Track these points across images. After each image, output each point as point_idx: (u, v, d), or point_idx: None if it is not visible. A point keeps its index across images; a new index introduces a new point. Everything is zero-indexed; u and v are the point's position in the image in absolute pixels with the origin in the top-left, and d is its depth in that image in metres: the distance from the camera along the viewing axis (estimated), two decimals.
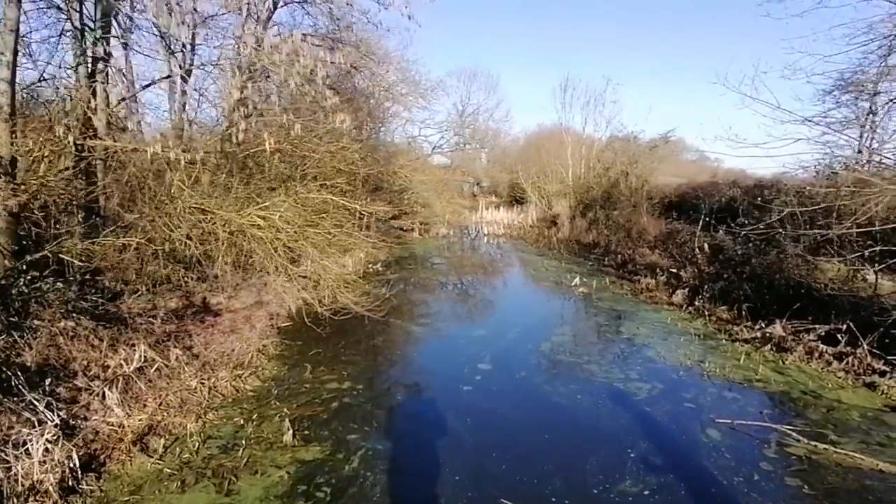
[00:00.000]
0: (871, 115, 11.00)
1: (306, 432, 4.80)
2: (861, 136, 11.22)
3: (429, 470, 4.21)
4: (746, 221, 9.70)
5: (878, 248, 6.86)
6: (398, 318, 8.60)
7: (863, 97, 10.79)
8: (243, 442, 4.58)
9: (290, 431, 4.66)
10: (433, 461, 4.34)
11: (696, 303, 9.47)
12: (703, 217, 13.52)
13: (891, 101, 9.94)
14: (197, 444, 4.54)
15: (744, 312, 8.51)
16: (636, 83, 51.75)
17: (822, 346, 6.89)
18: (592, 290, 11.31)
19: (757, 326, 7.89)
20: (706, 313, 9.04)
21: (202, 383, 5.48)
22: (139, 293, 7.04)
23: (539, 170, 27.47)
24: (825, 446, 4.64)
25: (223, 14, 13.32)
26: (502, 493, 3.90)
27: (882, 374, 6.11)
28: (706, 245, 11.59)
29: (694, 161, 36.96)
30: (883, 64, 8.29)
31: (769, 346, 7.29)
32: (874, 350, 6.37)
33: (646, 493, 3.95)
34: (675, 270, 11.17)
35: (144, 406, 4.98)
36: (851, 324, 6.72)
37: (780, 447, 4.68)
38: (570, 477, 4.15)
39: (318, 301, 7.92)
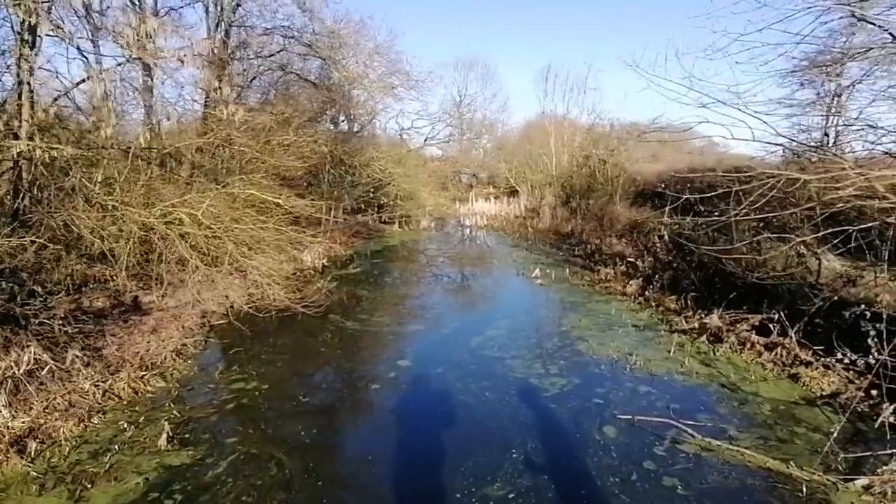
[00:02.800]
0: (836, 98, 10.64)
1: (186, 435, 4.67)
2: (826, 119, 10.91)
3: (289, 473, 4.06)
4: (703, 208, 9.40)
5: (821, 233, 6.58)
6: (336, 314, 8.44)
7: (829, 77, 10.39)
8: (115, 447, 4.45)
9: (166, 435, 4.53)
10: (299, 465, 4.19)
11: (647, 293, 9.25)
12: (668, 204, 13.17)
13: (851, 83, 9.57)
14: (69, 448, 4.43)
15: (689, 302, 8.28)
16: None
17: (754, 336, 6.67)
18: (551, 281, 11.11)
19: (696, 316, 7.67)
20: (654, 304, 8.83)
21: (96, 386, 5.36)
22: (57, 294, 6.94)
23: (527, 159, 27.20)
24: (719, 443, 4.44)
25: (182, 7, 13.18)
26: (357, 498, 3.76)
27: (808, 364, 5.88)
28: (666, 234, 11.30)
29: (701, 147, 35.96)
30: (847, 42, 7.94)
31: (705, 336, 7.08)
32: (802, 340, 6.13)
33: (511, 496, 3.78)
34: (633, 260, 10.92)
35: (30, 409, 4.88)
36: (784, 313, 6.47)
37: (673, 444, 4.49)
38: (439, 480, 3.98)
39: (247, 298, 7.79)
